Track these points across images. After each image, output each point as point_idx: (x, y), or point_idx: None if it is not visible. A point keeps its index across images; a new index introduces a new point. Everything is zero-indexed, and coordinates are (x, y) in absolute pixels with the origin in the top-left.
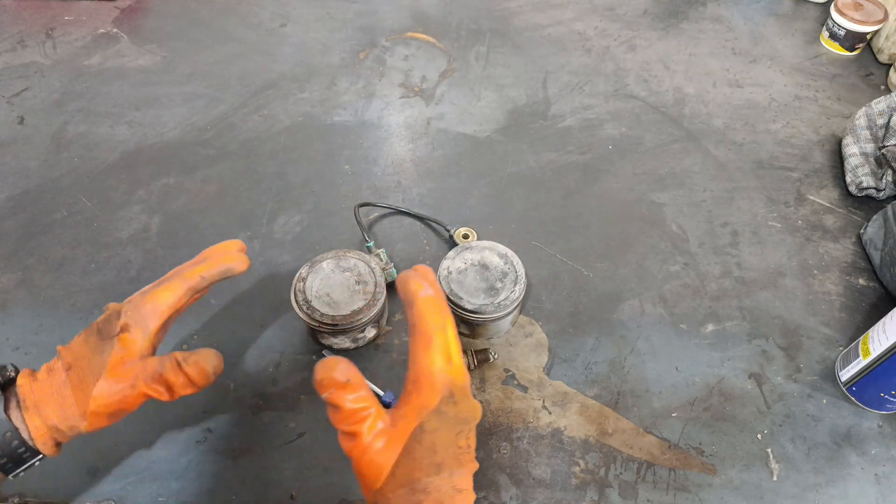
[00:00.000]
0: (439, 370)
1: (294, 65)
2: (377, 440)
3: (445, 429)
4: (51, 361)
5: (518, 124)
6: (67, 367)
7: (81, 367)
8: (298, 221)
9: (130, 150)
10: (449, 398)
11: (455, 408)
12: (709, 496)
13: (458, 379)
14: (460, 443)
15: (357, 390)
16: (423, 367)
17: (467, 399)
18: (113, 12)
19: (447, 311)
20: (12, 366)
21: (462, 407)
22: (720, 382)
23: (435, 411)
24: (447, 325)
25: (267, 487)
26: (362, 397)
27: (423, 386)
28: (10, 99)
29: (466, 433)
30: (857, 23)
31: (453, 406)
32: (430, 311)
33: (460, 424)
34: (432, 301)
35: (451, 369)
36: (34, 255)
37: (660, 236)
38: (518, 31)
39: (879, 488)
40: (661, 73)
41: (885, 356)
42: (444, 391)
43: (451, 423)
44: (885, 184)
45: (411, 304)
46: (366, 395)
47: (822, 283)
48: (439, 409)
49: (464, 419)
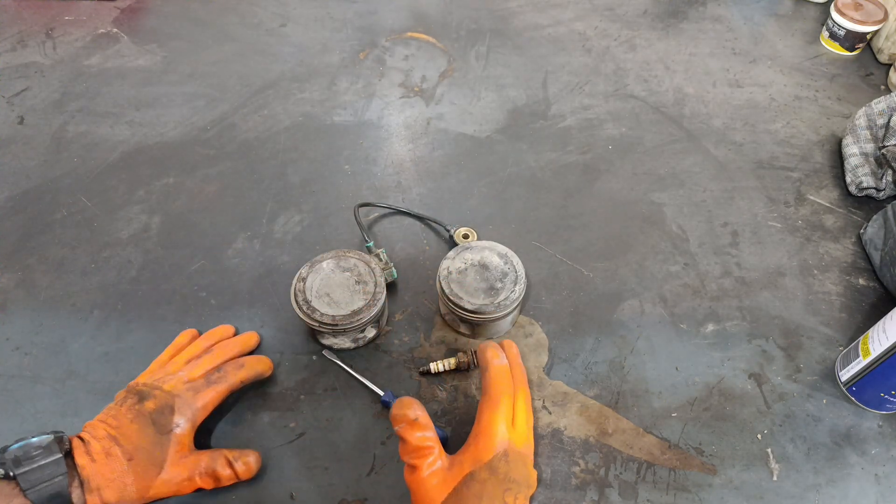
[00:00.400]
0: (498, 431)
1: (294, 65)
2: (433, 477)
3: (494, 482)
4: (102, 441)
5: (518, 124)
6: (129, 458)
7: (142, 458)
8: (298, 221)
9: (130, 150)
10: (503, 456)
11: (507, 466)
12: (709, 496)
13: (517, 443)
14: (507, 499)
15: (424, 430)
16: (485, 426)
17: (522, 464)
18: (113, 12)
19: (522, 382)
20: (66, 436)
21: (514, 468)
22: (720, 382)
23: (487, 465)
24: (518, 394)
25: (267, 487)
26: (428, 437)
27: (481, 441)
28: (10, 99)
29: (515, 493)
30: (857, 23)
31: (505, 464)
32: (501, 378)
33: (509, 483)
34: (504, 370)
35: (511, 433)
36: (34, 255)
37: (660, 236)
38: (518, 31)
39: (879, 488)
40: (661, 73)
41: (885, 356)
42: (500, 450)
43: (501, 478)
44: (885, 184)
45: (486, 369)
46: (431, 436)
47: (822, 283)
48: (492, 464)
49: (514, 479)
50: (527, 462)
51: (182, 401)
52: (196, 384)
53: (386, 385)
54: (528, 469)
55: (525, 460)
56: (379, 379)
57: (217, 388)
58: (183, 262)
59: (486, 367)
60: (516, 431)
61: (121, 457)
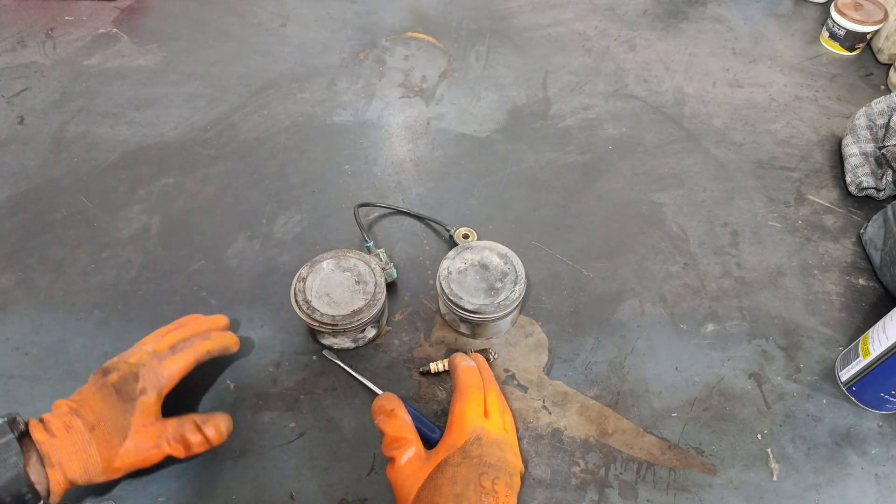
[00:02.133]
0: (469, 417)
1: (294, 65)
2: (409, 466)
3: (468, 465)
4: (62, 416)
5: (518, 124)
6: (91, 428)
7: (105, 427)
8: (298, 221)
9: (130, 150)
10: (475, 440)
11: (480, 450)
12: (709, 496)
13: (491, 430)
14: (484, 483)
15: (400, 421)
16: (457, 415)
17: (498, 448)
18: (113, 12)
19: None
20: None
21: (488, 451)
22: (720, 382)
23: (460, 450)
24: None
25: (267, 487)
26: (404, 428)
27: (454, 429)
28: (10, 99)
29: (492, 477)
30: (857, 23)
31: (479, 448)
32: (469, 375)
33: (484, 467)
34: (472, 369)
35: (484, 422)
36: (34, 255)
37: (660, 236)
38: (518, 31)
39: (879, 488)
40: (661, 73)
41: (885, 356)
42: (472, 435)
43: (475, 462)
44: (885, 184)
45: (454, 371)
46: (407, 427)
47: (822, 283)
48: (465, 449)
49: (489, 464)
50: (503, 447)
51: (147, 369)
52: (161, 354)
53: (386, 385)
54: (507, 454)
55: (501, 445)
56: (379, 379)
57: (183, 357)
58: (183, 262)
59: (455, 368)
60: (490, 421)
61: (82, 428)
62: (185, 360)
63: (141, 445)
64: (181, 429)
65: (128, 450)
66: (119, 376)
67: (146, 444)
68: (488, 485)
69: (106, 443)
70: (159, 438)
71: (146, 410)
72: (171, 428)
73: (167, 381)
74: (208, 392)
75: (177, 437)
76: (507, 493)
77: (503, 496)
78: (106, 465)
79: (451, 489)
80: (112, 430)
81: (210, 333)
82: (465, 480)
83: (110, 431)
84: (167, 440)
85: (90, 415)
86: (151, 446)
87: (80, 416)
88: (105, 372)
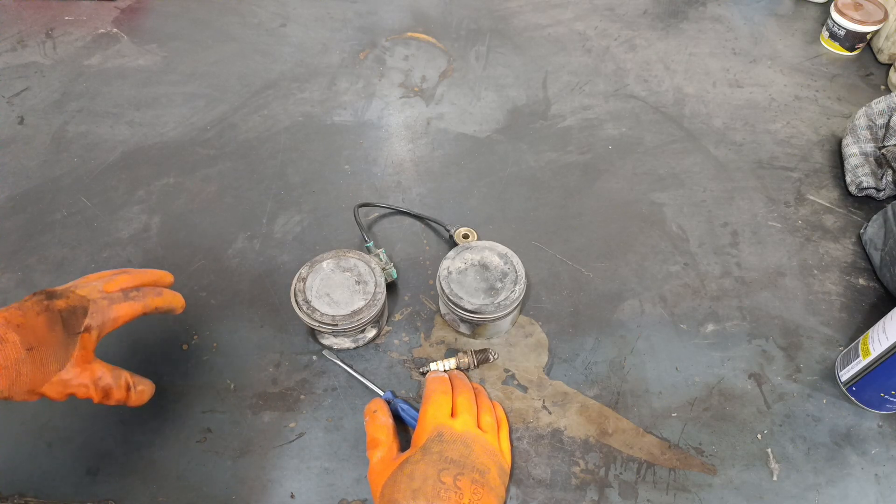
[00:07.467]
0: (431, 417)
1: (294, 65)
2: (379, 465)
3: (426, 462)
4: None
5: (518, 124)
6: (29, 347)
7: (45, 352)
8: (298, 221)
9: (130, 150)
10: (436, 438)
11: (441, 446)
12: (709, 496)
13: (455, 427)
14: (444, 478)
15: (380, 424)
16: (420, 418)
17: (462, 444)
18: (113, 12)
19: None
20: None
21: (450, 448)
22: (720, 382)
23: (421, 447)
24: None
25: (267, 487)
26: (380, 430)
27: (418, 430)
28: (10, 99)
29: (454, 473)
30: (857, 23)
31: (439, 444)
32: (435, 381)
33: (444, 463)
34: (439, 377)
35: (447, 419)
36: (34, 255)
37: (660, 236)
38: (518, 31)
39: (879, 488)
40: (661, 73)
41: (885, 356)
42: (433, 433)
43: (435, 459)
44: (885, 184)
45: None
46: (383, 429)
47: (822, 283)
48: (425, 446)
49: (451, 459)
50: (470, 444)
51: (97, 307)
52: (113, 296)
53: (386, 385)
54: (474, 451)
55: (468, 442)
56: (379, 379)
57: (133, 305)
58: (183, 262)
59: (426, 381)
60: (457, 420)
61: (18, 344)
62: (134, 309)
63: (74, 380)
64: (114, 380)
65: (61, 380)
66: (67, 305)
67: (79, 380)
68: (449, 480)
69: (40, 367)
70: (92, 379)
71: (86, 347)
72: (107, 376)
73: (111, 324)
74: (208, 392)
75: (106, 385)
76: (476, 490)
77: (469, 493)
78: (32, 387)
79: (408, 485)
80: (49, 356)
81: (163, 290)
82: (423, 476)
83: (47, 357)
84: (96, 383)
85: (30, 335)
86: (82, 383)
87: (19, 333)
88: (51, 296)
